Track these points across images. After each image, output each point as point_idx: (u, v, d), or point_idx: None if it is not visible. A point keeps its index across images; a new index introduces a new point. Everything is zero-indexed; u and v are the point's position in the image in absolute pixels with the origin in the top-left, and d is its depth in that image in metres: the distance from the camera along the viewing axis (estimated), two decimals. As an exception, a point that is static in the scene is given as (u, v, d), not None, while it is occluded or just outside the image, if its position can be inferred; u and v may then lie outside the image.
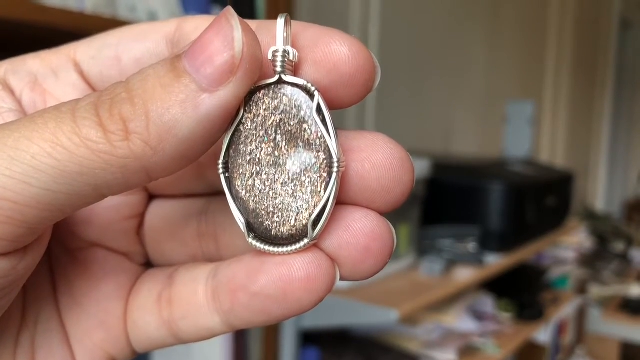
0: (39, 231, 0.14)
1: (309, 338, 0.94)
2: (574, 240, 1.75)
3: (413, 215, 1.03)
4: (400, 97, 1.47)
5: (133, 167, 0.13)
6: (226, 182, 0.15)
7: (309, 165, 0.14)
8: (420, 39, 1.55)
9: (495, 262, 1.11)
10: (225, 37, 0.13)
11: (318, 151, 0.14)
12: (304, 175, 0.14)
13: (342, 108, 0.15)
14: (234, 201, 0.15)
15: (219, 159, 0.15)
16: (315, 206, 0.14)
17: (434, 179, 1.07)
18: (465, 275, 1.01)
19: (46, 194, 0.13)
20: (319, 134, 0.14)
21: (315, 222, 0.14)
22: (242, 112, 0.14)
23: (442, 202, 1.15)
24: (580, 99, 2.94)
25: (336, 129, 0.14)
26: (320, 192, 0.14)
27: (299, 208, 0.14)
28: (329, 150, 0.14)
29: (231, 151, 0.15)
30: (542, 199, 1.30)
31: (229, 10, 0.13)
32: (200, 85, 0.13)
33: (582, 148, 3.10)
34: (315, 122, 0.14)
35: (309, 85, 0.14)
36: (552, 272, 1.66)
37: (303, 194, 0.14)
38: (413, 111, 1.55)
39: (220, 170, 0.15)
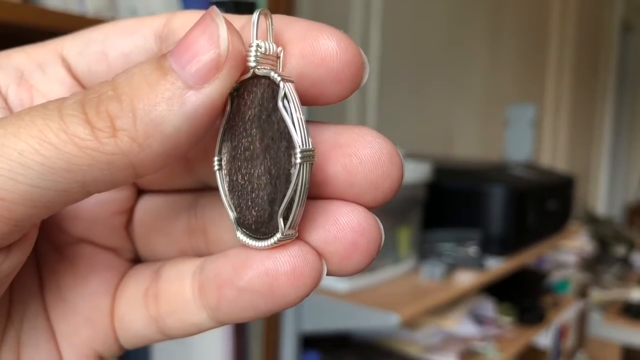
0: (24, 229, 0.14)
1: (309, 342, 0.93)
2: (575, 244, 1.75)
3: (414, 218, 1.02)
4: (402, 100, 1.47)
5: (120, 164, 0.13)
6: (220, 178, 0.15)
7: (277, 157, 0.14)
8: (422, 42, 1.55)
9: (496, 266, 1.11)
10: (210, 35, 0.13)
11: (287, 142, 0.14)
12: (274, 167, 0.14)
13: (330, 103, 0.15)
14: (225, 197, 0.15)
15: (214, 155, 0.15)
16: (283, 199, 0.14)
17: (435, 182, 1.07)
18: (466, 279, 1.01)
19: (33, 191, 0.13)
20: (285, 125, 0.14)
21: (287, 216, 0.14)
22: (228, 108, 0.15)
23: (443, 206, 1.15)
24: (581, 102, 2.94)
25: (314, 120, 0.14)
26: (289, 184, 0.14)
27: (271, 202, 0.14)
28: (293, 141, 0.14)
29: (223, 148, 0.15)
30: (543, 203, 1.30)
31: (214, 9, 0.13)
32: (186, 82, 0.13)
33: (583, 151, 3.10)
34: (281, 112, 0.14)
35: (275, 75, 0.14)
36: (553, 276, 1.65)
37: (273, 186, 0.14)
38: (414, 114, 1.55)
39: (216, 167, 0.15)
